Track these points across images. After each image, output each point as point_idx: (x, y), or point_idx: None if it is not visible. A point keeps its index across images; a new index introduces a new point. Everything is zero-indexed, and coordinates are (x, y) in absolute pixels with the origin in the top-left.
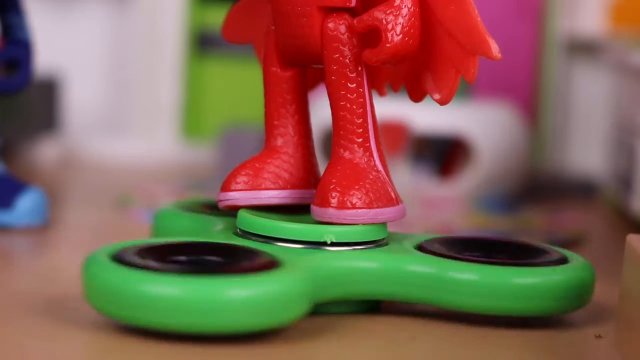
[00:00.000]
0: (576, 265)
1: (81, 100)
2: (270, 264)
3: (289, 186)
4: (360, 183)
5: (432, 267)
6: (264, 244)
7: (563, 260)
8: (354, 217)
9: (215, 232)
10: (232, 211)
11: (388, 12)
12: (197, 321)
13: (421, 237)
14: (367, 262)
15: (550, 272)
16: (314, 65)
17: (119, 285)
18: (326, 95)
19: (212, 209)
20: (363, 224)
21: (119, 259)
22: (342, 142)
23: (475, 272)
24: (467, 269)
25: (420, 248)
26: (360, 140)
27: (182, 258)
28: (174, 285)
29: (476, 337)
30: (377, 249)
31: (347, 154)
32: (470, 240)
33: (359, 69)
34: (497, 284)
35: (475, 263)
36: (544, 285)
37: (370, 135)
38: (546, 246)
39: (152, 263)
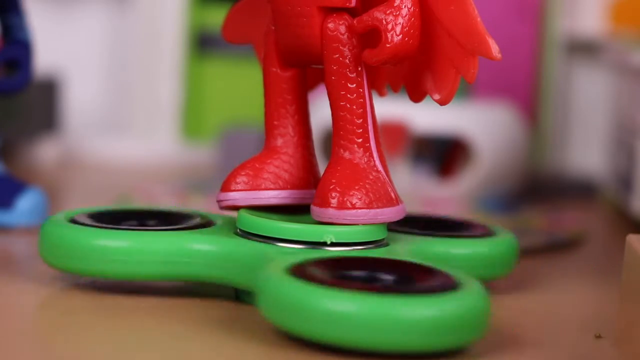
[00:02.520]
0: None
1: (81, 100)
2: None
3: (288, 186)
4: (360, 183)
5: None
6: (263, 243)
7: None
8: (353, 217)
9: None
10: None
11: (388, 12)
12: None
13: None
14: None
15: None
16: (314, 65)
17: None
18: (326, 95)
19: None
20: (363, 224)
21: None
22: (342, 142)
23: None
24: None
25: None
26: (360, 140)
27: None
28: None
29: None
30: (377, 249)
31: (347, 154)
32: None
33: (359, 69)
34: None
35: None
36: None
37: (370, 135)
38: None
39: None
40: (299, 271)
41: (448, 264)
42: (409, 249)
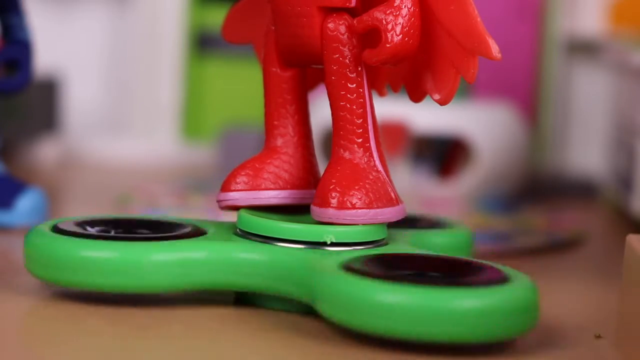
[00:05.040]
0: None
1: (81, 100)
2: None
3: (288, 186)
4: (360, 183)
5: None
6: (263, 243)
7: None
8: (353, 217)
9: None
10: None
11: (388, 12)
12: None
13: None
14: None
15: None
16: (314, 65)
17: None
18: (326, 95)
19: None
20: (363, 224)
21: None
22: (342, 142)
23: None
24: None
25: (347, 268)
26: (360, 140)
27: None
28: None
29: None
30: (377, 249)
31: (347, 154)
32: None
33: (359, 69)
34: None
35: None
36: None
37: (370, 135)
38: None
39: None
40: (353, 268)
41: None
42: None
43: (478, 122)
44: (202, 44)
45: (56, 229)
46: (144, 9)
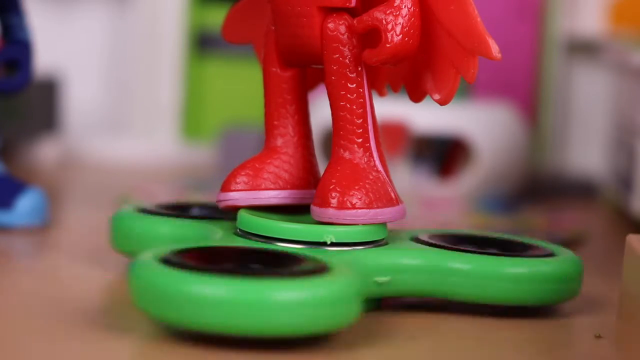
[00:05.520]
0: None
1: (81, 100)
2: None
3: (288, 186)
4: (360, 183)
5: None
6: (264, 243)
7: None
8: (353, 217)
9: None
10: (232, 211)
11: (388, 12)
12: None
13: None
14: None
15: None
16: (314, 65)
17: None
18: (326, 95)
19: (173, 210)
20: (363, 224)
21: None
22: (342, 142)
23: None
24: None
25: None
26: (360, 140)
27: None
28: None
29: (475, 337)
30: (377, 249)
31: (347, 154)
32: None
33: (359, 69)
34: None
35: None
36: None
37: (370, 135)
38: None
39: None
40: (169, 259)
41: None
42: (407, 245)
43: (478, 122)
44: (202, 44)
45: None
46: (144, 9)
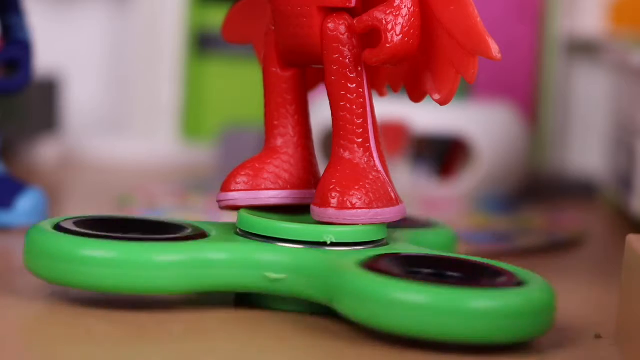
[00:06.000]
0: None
1: (81, 100)
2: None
3: (288, 186)
4: (360, 183)
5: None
6: (265, 243)
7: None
8: (353, 217)
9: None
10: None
11: (388, 12)
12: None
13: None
14: None
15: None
16: (314, 65)
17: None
18: (326, 95)
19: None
20: (363, 224)
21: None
22: (342, 142)
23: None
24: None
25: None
26: (360, 140)
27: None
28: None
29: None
30: (377, 249)
31: (347, 154)
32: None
33: (359, 69)
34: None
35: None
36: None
37: (370, 135)
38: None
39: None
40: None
41: None
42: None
43: (478, 122)
44: (202, 44)
45: (58, 228)
46: (143, 9)
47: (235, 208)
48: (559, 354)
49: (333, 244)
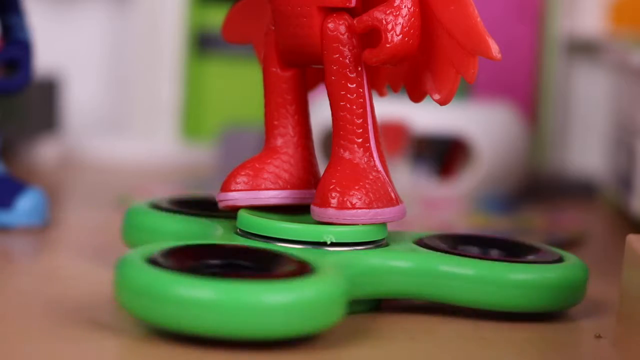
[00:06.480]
0: (570, 264)
1: (81, 100)
2: (304, 269)
3: (288, 186)
4: (360, 183)
5: (430, 262)
6: (265, 243)
7: (559, 259)
8: (353, 218)
9: (219, 235)
10: (231, 211)
11: (388, 12)
12: (232, 326)
13: (420, 234)
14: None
15: (545, 269)
16: (314, 65)
17: (152, 287)
18: (326, 95)
19: (193, 207)
20: (363, 224)
21: (152, 261)
22: (342, 142)
23: (471, 267)
24: (463, 264)
25: (419, 243)
26: (360, 140)
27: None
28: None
29: (476, 338)
30: (377, 249)
31: (347, 154)
32: (467, 237)
33: (359, 69)
34: (494, 279)
35: (472, 258)
36: (538, 281)
37: (370, 135)
38: (543, 245)
39: (186, 266)
40: (154, 259)
41: None
42: (409, 247)
43: (478, 122)
44: (202, 44)
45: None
46: (143, 9)
47: (235, 208)
48: (559, 353)
49: (333, 244)
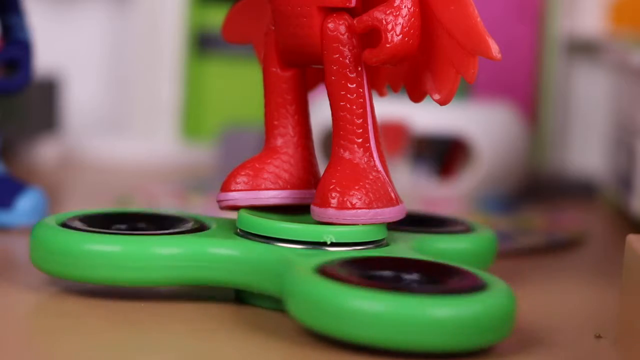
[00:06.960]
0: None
1: (81, 100)
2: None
3: (289, 186)
4: (360, 183)
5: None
6: (264, 243)
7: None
8: (353, 218)
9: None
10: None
11: (388, 12)
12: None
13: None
14: None
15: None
16: (314, 65)
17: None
18: (326, 95)
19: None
20: (363, 224)
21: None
22: (342, 142)
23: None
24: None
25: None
26: (360, 140)
27: None
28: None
29: None
30: (377, 249)
31: (347, 154)
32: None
33: (359, 69)
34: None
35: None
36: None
37: (370, 135)
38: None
39: None
40: (326, 271)
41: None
42: (410, 246)
43: (478, 122)
44: (202, 44)
45: (63, 224)
46: (143, 9)
47: (236, 208)
48: (559, 354)
49: (333, 244)
